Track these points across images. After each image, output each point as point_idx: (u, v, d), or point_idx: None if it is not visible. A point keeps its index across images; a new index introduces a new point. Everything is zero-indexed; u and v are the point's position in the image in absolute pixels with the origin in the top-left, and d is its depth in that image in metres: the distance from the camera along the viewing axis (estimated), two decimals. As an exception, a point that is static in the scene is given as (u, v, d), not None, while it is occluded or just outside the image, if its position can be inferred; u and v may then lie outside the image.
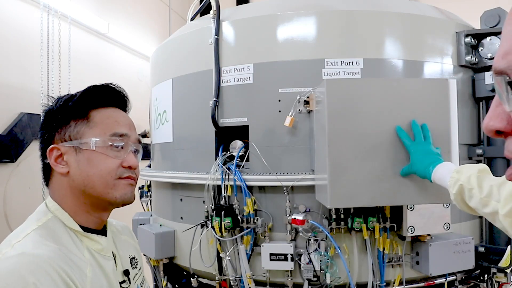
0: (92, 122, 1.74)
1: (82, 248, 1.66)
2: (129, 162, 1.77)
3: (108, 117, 1.79)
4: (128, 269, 1.90)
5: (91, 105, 1.76)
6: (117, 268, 1.82)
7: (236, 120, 3.25)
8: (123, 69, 8.43)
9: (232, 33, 3.33)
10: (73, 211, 1.72)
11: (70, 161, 1.71)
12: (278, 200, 3.10)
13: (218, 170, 3.19)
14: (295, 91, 3.07)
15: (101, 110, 1.78)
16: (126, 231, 2.16)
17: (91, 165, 1.71)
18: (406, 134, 2.44)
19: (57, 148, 1.71)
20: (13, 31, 5.88)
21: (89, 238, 1.72)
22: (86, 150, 1.70)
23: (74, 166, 1.70)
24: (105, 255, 1.76)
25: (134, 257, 2.04)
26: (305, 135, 3.06)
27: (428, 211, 2.88)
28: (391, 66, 3.10)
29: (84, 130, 1.72)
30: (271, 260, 3.02)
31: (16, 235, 1.57)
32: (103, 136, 1.73)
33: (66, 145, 1.71)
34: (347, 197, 2.47)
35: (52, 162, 1.71)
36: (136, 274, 1.98)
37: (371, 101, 2.46)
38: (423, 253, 3.00)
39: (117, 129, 1.78)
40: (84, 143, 1.70)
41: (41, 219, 1.66)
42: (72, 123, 1.73)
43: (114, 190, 1.74)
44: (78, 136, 1.72)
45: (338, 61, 3.04)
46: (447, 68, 3.28)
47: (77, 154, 1.71)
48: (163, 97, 3.84)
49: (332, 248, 2.98)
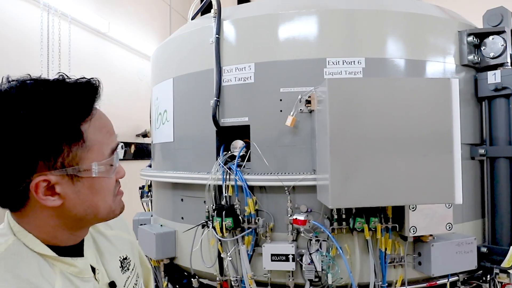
0: (88, 141, 1.39)
1: (54, 275, 1.40)
2: (121, 173, 1.55)
3: (101, 129, 1.45)
4: (114, 281, 1.64)
5: (82, 118, 1.39)
6: (100, 282, 1.57)
7: (237, 119, 3.25)
8: (123, 69, 8.43)
9: (233, 32, 3.33)
10: (50, 236, 1.44)
11: (65, 192, 1.37)
12: (279, 200, 3.10)
13: (219, 170, 3.19)
14: (296, 90, 3.08)
15: (90, 122, 1.41)
16: (119, 223, 1.87)
17: (95, 193, 1.43)
18: None
19: (44, 179, 1.32)
20: (13, 30, 5.88)
21: (62, 262, 1.44)
22: (86, 178, 1.40)
23: (71, 197, 1.38)
24: (83, 277, 1.50)
25: (126, 257, 1.79)
26: (307, 135, 3.07)
27: (430, 211, 2.88)
28: (393, 65, 3.10)
29: (82, 154, 1.38)
30: (272, 260, 3.03)
31: None
32: (103, 157, 1.44)
33: (57, 173, 1.34)
34: (348, 197, 2.47)
35: (40, 197, 1.33)
36: (128, 278, 1.75)
37: (372, 100, 2.46)
38: (425, 254, 3.00)
39: (112, 143, 1.49)
40: (85, 170, 1.39)
41: (2, 245, 1.36)
42: (65, 148, 1.34)
43: (114, 209, 1.54)
44: (74, 162, 1.36)
45: (340, 60, 3.05)
46: (450, 67, 3.28)
47: (74, 184, 1.38)
48: (164, 97, 3.84)
49: (333, 248, 2.98)
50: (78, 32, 7.05)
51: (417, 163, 2.45)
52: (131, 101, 8.26)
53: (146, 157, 6.01)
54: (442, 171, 2.45)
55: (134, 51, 8.89)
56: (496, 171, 3.32)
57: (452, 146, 2.46)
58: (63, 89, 1.36)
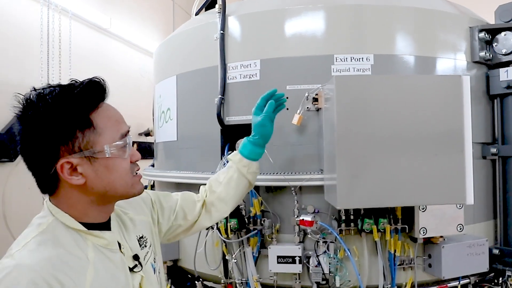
0: (98, 128, 1.72)
1: (86, 247, 1.72)
2: (136, 156, 1.87)
3: (109, 118, 1.78)
4: (137, 253, 1.97)
5: (89, 108, 1.73)
6: (125, 255, 1.89)
7: (242, 118, 3.26)
8: (125, 66, 8.46)
9: (238, 28, 3.34)
10: (82, 213, 1.76)
11: (86, 172, 1.70)
12: (285, 200, 3.11)
13: (224, 170, 3.17)
14: (303, 88, 3.08)
15: (98, 112, 1.75)
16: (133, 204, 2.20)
17: (110, 171, 1.75)
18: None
19: (67, 161, 1.67)
20: (12, 26, 5.90)
21: (93, 235, 1.77)
22: (102, 158, 1.72)
23: (92, 176, 1.72)
24: (112, 248, 1.82)
25: (142, 236, 2.10)
26: (314, 134, 3.07)
27: (440, 212, 2.88)
28: (403, 62, 3.10)
29: (94, 139, 1.71)
30: (278, 262, 3.02)
31: (18, 242, 1.63)
32: (114, 141, 1.75)
33: (77, 156, 1.68)
34: (357, 198, 2.47)
35: (66, 177, 1.68)
36: (146, 253, 2.07)
37: (381, 98, 2.46)
38: (436, 256, 3.00)
39: (121, 129, 1.81)
40: (99, 152, 1.71)
41: (42, 224, 1.69)
42: (79, 134, 1.68)
43: (133, 188, 1.86)
44: (88, 146, 1.70)
45: (347, 57, 3.05)
46: (460, 64, 3.28)
47: (92, 164, 1.71)
48: (167, 94, 3.85)
49: (341, 250, 2.98)
50: (79, 28, 7.08)
51: (427, 163, 2.44)
52: (133, 98, 8.28)
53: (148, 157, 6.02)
54: (453, 171, 2.44)
55: (136, 47, 8.91)
56: (508, 170, 3.32)
57: (463, 145, 2.45)
58: (72, 88, 1.71)
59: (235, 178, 2.68)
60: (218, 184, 2.69)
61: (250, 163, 2.71)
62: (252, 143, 2.72)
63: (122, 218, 2.05)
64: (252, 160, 2.72)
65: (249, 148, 2.72)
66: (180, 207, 2.50)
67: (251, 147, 2.72)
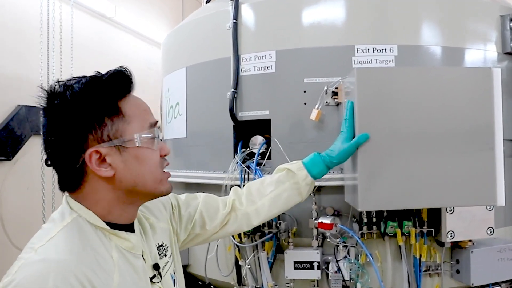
0: (126, 116, 1.75)
1: (111, 247, 1.73)
2: (165, 149, 1.89)
3: (137, 107, 1.82)
4: (157, 262, 1.96)
5: (118, 95, 1.76)
6: (147, 263, 1.89)
7: (256, 113, 3.28)
8: (131, 57, 8.47)
9: (252, 17, 3.36)
10: (106, 211, 1.77)
11: (115, 162, 1.72)
12: (303, 202, 3.08)
13: (236, 169, 3.22)
14: (322, 81, 3.09)
15: (125, 100, 1.79)
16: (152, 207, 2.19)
17: (141, 162, 1.77)
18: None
19: (96, 151, 1.68)
20: (10, 15, 5.95)
21: (117, 236, 1.77)
22: (131, 148, 1.74)
23: (121, 167, 1.73)
24: (136, 253, 1.83)
25: (162, 244, 2.09)
26: (333, 130, 3.05)
27: (469, 214, 2.89)
28: (429, 53, 3.11)
29: (123, 127, 1.73)
30: (295, 268, 3.05)
31: (40, 237, 1.62)
32: (143, 130, 1.78)
33: (105, 146, 1.70)
34: (379, 199, 2.48)
35: (95, 168, 1.68)
36: (166, 263, 2.06)
37: (406, 92, 2.46)
38: (464, 261, 3.00)
39: (150, 118, 1.84)
40: (128, 141, 1.73)
41: (66, 218, 1.69)
42: (108, 121, 1.71)
43: (161, 184, 1.87)
44: (118, 134, 1.72)
45: (369, 48, 3.07)
46: (491, 55, 3.28)
47: (121, 154, 1.73)
48: (176, 88, 3.89)
49: (363, 255, 3.00)
50: (81, 16, 7.10)
51: (454, 161, 2.45)
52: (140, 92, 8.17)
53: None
54: (483, 170, 2.44)
55: (143, 37, 8.93)
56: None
57: (493, 142, 2.45)
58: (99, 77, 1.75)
59: (285, 197, 2.58)
60: (261, 196, 2.58)
61: (313, 182, 2.61)
62: (327, 164, 2.58)
63: (143, 223, 2.04)
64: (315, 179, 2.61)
65: (322, 168, 2.58)
66: (200, 214, 2.44)
67: (323, 168, 2.58)
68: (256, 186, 2.63)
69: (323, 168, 2.56)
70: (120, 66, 1.81)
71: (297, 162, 2.62)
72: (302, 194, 2.60)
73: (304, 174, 2.55)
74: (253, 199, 2.57)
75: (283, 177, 2.60)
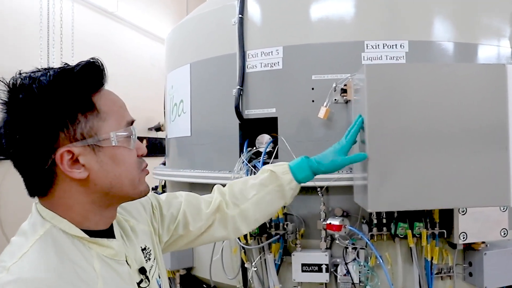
0: (102, 112, 1.64)
1: (91, 257, 1.62)
2: (142, 149, 1.79)
3: (113, 103, 1.72)
4: (143, 266, 1.88)
5: (91, 90, 1.65)
6: (132, 268, 1.79)
7: (263, 111, 3.29)
8: (134, 53, 8.48)
9: (258, 12, 3.37)
10: (82, 216, 1.65)
11: (89, 163, 1.61)
12: (311, 202, 3.13)
13: (242, 169, 3.22)
14: (330, 78, 3.10)
15: (100, 95, 1.68)
16: (131, 209, 2.08)
17: (117, 163, 1.67)
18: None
19: (68, 151, 1.56)
20: (9, 9, 5.95)
21: (98, 244, 1.66)
22: (107, 147, 1.63)
23: (96, 168, 1.62)
24: (119, 259, 1.72)
25: (145, 248, 1.99)
26: (342, 128, 3.03)
27: (482, 215, 2.89)
28: (440, 49, 3.11)
29: (98, 125, 1.62)
30: (303, 271, 3.05)
31: (11, 254, 1.49)
32: (119, 128, 1.67)
33: (79, 145, 1.58)
34: (390, 199, 2.48)
35: (66, 169, 1.56)
36: (151, 267, 1.96)
37: (417, 89, 2.47)
38: (477, 263, 3.01)
39: (127, 116, 1.75)
40: (104, 139, 1.63)
41: (38, 231, 1.57)
42: (81, 118, 1.59)
43: (139, 185, 1.78)
44: (92, 132, 1.60)
45: (379, 43, 3.07)
46: (505, 51, 3.28)
47: (96, 154, 1.62)
48: (180, 85, 3.90)
49: (373, 257, 3.01)
50: (82, 11, 7.12)
51: (467, 161, 2.45)
52: (143, 89, 8.32)
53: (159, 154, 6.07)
54: (496, 170, 2.44)
55: (146, 33, 8.94)
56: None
57: (507, 141, 2.45)
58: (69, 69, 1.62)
59: (268, 200, 2.49)
60: (243, 199, 2.48)
61: (298, 186, 2.55)
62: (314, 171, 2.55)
63: (123, 225, 1.94)
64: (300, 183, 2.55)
65: (308, 174, 2.53)
66: (183, 214, 2.33)
67: (309, 174, 2.53)
68: (239, 186, 2.54)
69: (309, 174, 2.52)
70: (91, 58, 1.69)
71: (283, 165, 2.56)
72: (286, 197, 2.53)
73: (289, 178, 2.50)
74: (236, 202, 2.48)
75: (266, 180, 2.52)
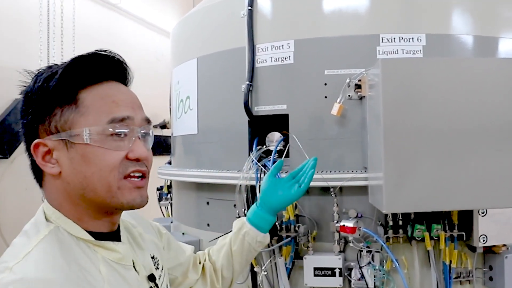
0: (82, 106, 1.59)
1: (97, 261, 1.59)
2: (136, 152, 1.65)
3: (103, 97, 1.63)
4: (153, 273, 1.86)
5: (79, 83, 1.61)
6: (140, 274, 1.76)
7: (273, 107, 3.28)
8: (138, 47, 8.48)
9: (269, 4, 3.37)
10: (76, 217, 1.63)
11: (61, 159, 1.59)
12: (324, 203, 3.13)
13: (252, 168, 3.21)
14: (344, 73, 3.09)
15: (92, 89, 1.63)
16: (140, 221, 2.09)
17: (88, 163, 1.58)
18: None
19: (42, 143, 1.58)
20: (8, 2, 5.96)
21: (103, 247, 1.64)
22: (79, 144, 1.57)
23: (66, 165, 1.59)
24: (126, 264, 1.70)
25: (154, 256, 1.98)
26: (356, 126, 3.08)
27: (503, 217, 2.88)
28: (459, 43, 3.11)
29: (74, 118, 1.58)
30: (315, 275, 3.05)
31: (14, 254, 1.47)
32: (98, 124, 1.59)
33: (53, 138, 1.58)
34: (406, 200, 2.49)
35: (39, 161, 1.59)
36: (160, 276, 1.95)
37: (435, 85, 2.47)
38: (498, 267, 3.00)
39: (116, 112, 1.62)
40: (75, 135, 1.57)
41: (42, 231, 1.56)
42: (57, 111, 1.59)
43: (119, 194, 1.63)
44: (66, 126, 1.58)
45: (395, 37, 3.07)
46: (528, 45, 3.27)
47: (68, 150, 1.58)
48: (186, 80, 3.91)
49: (388, 261, 3.01)
50: (83, 3, 7.11)
51: (488, 159, 2.45)
52: (148, 85, 8.29)
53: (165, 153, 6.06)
54: (519, 169, 2.45)
55: (150, 26, 8.94)
56: None
57: (530, 139, 2.46)
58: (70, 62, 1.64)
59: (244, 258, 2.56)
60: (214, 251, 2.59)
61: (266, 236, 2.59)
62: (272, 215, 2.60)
63: (131, 231, 1.93)
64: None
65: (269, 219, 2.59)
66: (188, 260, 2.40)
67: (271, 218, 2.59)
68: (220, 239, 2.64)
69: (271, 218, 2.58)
70: (100, 50, 1.71)
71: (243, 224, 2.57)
72: (258, 250, 2.58)
73: (254, 234, 2.52)
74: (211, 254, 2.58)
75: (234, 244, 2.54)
